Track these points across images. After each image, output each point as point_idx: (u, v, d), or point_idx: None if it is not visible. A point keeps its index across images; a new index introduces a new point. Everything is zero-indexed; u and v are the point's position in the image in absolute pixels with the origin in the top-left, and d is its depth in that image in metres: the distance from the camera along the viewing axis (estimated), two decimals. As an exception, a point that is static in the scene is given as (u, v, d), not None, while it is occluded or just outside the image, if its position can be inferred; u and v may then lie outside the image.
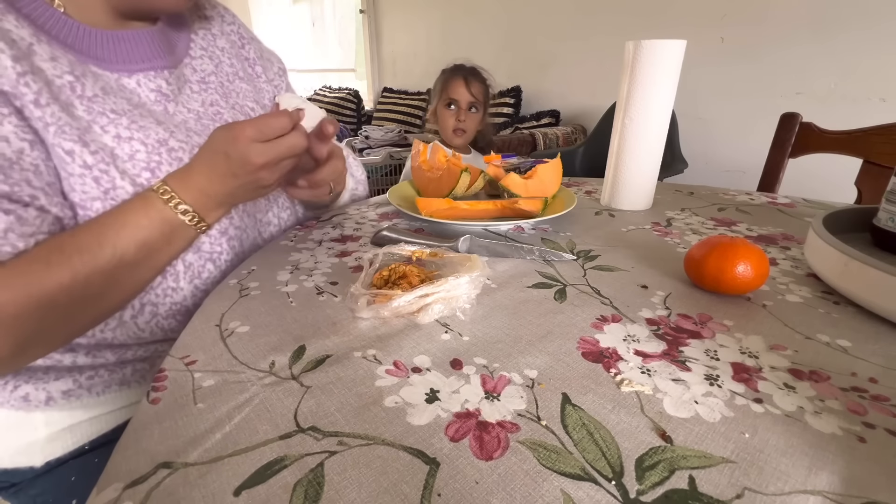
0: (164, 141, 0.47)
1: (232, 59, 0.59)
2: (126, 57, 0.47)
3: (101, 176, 0.43)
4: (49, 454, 0.50)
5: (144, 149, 0.45)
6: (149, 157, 0.46)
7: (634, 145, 0.65)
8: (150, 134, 0.46)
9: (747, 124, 1.75)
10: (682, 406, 0.29)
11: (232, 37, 0.61)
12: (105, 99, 0.44)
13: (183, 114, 0.51)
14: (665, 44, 0.59)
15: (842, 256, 0.39)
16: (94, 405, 0.52)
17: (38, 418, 0.49)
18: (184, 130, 0.50)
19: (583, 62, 2.26)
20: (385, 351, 0.35)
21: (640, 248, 0.53)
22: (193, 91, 0.53)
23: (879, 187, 0.77)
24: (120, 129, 0.44)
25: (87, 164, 0.42)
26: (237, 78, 0.59)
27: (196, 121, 0.52)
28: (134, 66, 0.48)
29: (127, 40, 0.47)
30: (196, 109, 0.52)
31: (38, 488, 0.50)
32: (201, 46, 0.56)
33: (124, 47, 0.47)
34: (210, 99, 0.54)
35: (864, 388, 0.30)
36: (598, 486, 0.23)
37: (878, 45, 1.42)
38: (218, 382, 0.32)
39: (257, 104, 0.60)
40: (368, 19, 3.55)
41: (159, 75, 0.50)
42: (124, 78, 0.47)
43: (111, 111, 0.44)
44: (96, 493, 0.24)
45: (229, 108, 0.56)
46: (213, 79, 0.56)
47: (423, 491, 0.23)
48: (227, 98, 0.56)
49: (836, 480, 0.23)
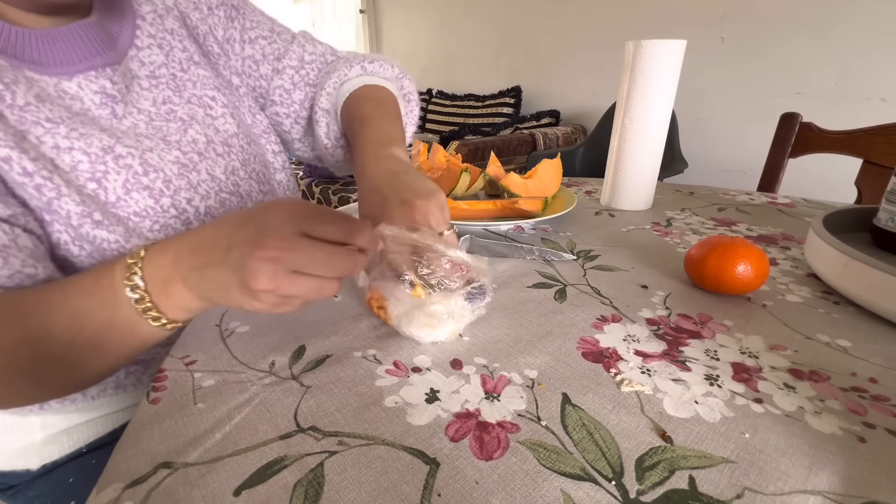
0: (110, 148, 0.43)
1: (183, 40, 0.52)
2: (63, 58, 0.43)
3: (43, 184, 0.39)
4: (46, 457, 0.50)
5: (87, 158, 0.41)
6: (93, 167, 0.41)
7: (634, 145, 0.65)
8: (93, 142, 0.42)
9: (747, 124, 1.75)
10: (682, 406, 0.29)
11: (182, 9, 0.54)
12: (39, 107, 0.40)
13: (133, 115, 0.46)
14: (665, 44, 0.59)
15: (842, 256, 0.39)
16: (90, 409, 0.51)
17: (33, 422, 0.49)
18: (132, 136, 0.45)
19: (583, 62, 2.26)
20: (385, 351, 0.35)
21: (640, 248, 0.53)
22: (143, 88, 0.48)
23: (879, 187, 0.77)
24: (58, 138, 0.40)
25: (27, 170, 0.38)
26: (192, 63, 0.52)
27: (147, 123, 0.47)
28: (73, 68, 0.43)
29: (61, 38, 0.43)
30: (147, 109, 0.48)
31: (36, 490, 0.50)
32: (149, 33, 0.50)
33: (60, 47, 0.43)
34: (162, 96, 0.49)
35: (864, 388, 0.30)
36: (598, 486, 0.23)
37: (879, 45, 1.42)
38: (218, 382, 0.32)
39: (217, 91, 0.53)
40: (368, 19, 3.55)
41: (101, 74, 0.45)
42: (64, 82, 0.43)
43: (46, 120, 0.40)
44: (96, 493, 0.24)
45: (184, 103, 0.50)
46: (164, 71, 0.50)
47: (423, 491, 0.23)
48: (182, 92, 0.50)
49: (836, 480, 0.23)
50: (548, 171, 0.67)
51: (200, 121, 0.51)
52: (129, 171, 0.43)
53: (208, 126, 0.52)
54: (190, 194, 0.47)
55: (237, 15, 0.57)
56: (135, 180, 0.44)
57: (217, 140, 0.52)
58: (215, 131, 0.52)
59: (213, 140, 0.51)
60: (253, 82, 0.59)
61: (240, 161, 0.53)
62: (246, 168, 0.54)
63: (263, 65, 0.58)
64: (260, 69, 0.58)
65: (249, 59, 0.58)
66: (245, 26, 0.57)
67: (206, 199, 0.49)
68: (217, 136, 0.52)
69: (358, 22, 3.69)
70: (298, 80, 0.59)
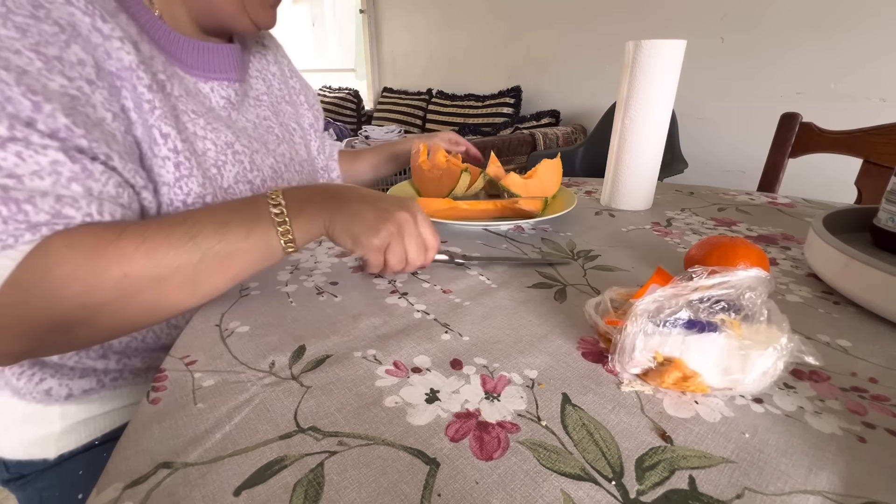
0: (231, 144, 0.52)
1: (280, 84, 0.66)
2: (206, 66, 0.52)
3: (183, 162, 0.46)
4: (63, 447, 0.51)
5: (214, 148, 0.50)
6: (217, 157, 0.50)
7: (634, 145, 0.65)
8: (221, 136, 0.51)
9: (747, 124, 1.75)
10: (682, 406, 0.29)
11: (282, 66, 0.69)
12: (188, 99, 0.49)
13: (242, 122, 0.56)
14: (665, 44, 0.59)
15: (842, 256, 0.39)
16: (110, 399, 0.53)
17: (54, 411, 0.50)
18: (246, 136, 0.55)
19: (583, 62, 2.26)
20: (385, 351, 0.35)
21: (640, 248, 0.53)
22: (251, 105, 0.59)
23: (879, 187, 0.77)
24: (197, 127, 0.49)
25: (176, 148, 0.45)
26: (283, 101, 0.66)
27: (254, 129, 0.58)
28: (211, 75, 0.53)
29: (209, 51, 0.52)
30: (253, 120, 0.58)
31: (46, 481, 0.50)
32: (257, 69, 0.63)
33: (206, 56, 0.52)
34: (263, 114, 0.61)
35: (864, 388, 0.30)
36: (598, 487, 0.23)
37: (878, 45, 1.42)
38: (218, 382, 0.32)
39: (298, 125, 0.68)
40: (368, 19, 3.55)
41: (231, 86, 0.55)
42: (200, 83, 0.52)
43: (192, 111, 0.48)
44: (96, 493, 0.24)
45: (278, 124, 0.63)
46: (266, 98, 0.62)
47: (423, 491, 0.23)
48: (277, 116, 0.63)
49: (836, 480, 0.23)
50: (548, 171, 0.67)
51: (288, 141, 0.64)
52: (240, 166, 0.53)
53: (292, 147, 0.64)
54: None
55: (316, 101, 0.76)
56: (243, 174, 0.53)
57: (297, 160, 0.64)
58: (296, 153, 0.65)
59: (294, 159, 0.64)
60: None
61: (303, 183, 0.65)
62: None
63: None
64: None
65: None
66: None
67: None
68: (297, 157, 0.65)
69: (358, 22, 3.68)
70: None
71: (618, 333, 0.30)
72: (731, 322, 0.29)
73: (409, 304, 0.42)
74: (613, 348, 0.30)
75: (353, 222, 0.40)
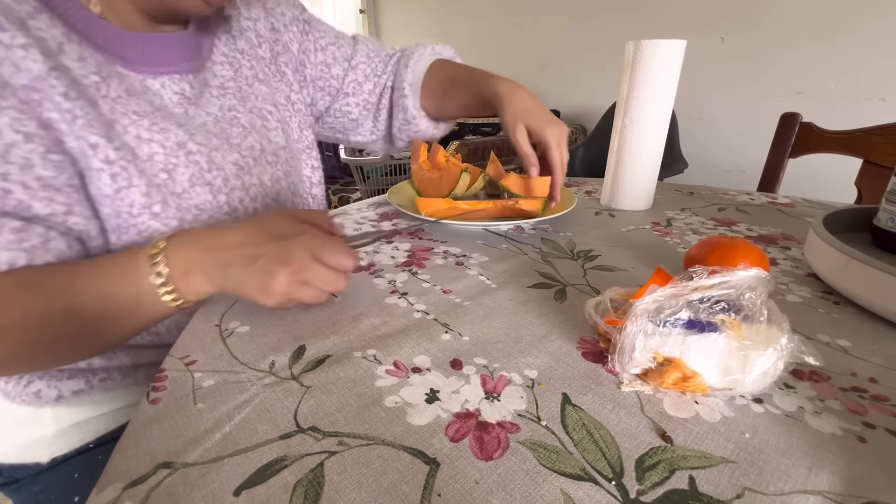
0: (183, 144, 0.47)
1: (251, 60, 0.60)
2: (153, 59, 0.48)
3: (119, 172, 0.43)
4: (56, 450, 0.51)
5: (163, 150, 0.46)
6: (166, 159, 0.46)
7: (634, 145, 0.65)
8: (170, 136, 0.47)
9: (747, 124, 1.75)
10: (682, 406, 0.29)
11: (248, 33, 0.61)
12: (129, 100, 0.45)
13: (202, 117, 0.51)
14: (665, 44, 0.59)
15: (842, 256, 0.39)
16: (102, 402, 0.52)
17: (46, 414, 0.50)
18: (203, 133, 0.50)
19: (583, 62, 2.26)
20: (385, 351, 0.35)
21: (640, 248, 0.53)
22: (213, 96, 0.54)
23: (879, 187, 0.77)
24: (141, 130, 0.45)
25: (108, 158, 0.42)
26: (256, 80, 0.59)
27: (214, 124, 0.52)
28: (160, 69, 0.49)
29: (156, 43, 0.48)
30: (214, 113, 0.53)
31: (42, 485, 0.50)
32: (223, 52, 0.57)
33: (153, 50, 0.48)
34: (228, 104, 0.55)
35: (864, 388, 0.30)
36: (598, 487, 0.23)
37: (878, 45, 1.42)
38: (218, 382, 0.32)
39: (275, 106, 0.61)
40: (368, 19, 3.55)
41: (184, 79, 0.51)
42: (149, 79, 0.48)
43: (133, 112, 0.45)
44: (96, 493, 0.24)
45: (246, 113, 0.56)
46: (232, 84, 0.56)
47: (423, 491, 0.23)
48: (245, 103, 0.57)
49: (836, 480, 0.23)
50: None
51: (258, 130, 0.57)
52: (196, 167, 0.48)
53: (263, 136, 0.58)
54: (242, 195, 0.52)
55: (310, 29, 0.67)
56: (199, 175, 0.48)
57: (269, 150, 0.58)
58: (268, 142, 0.58)
59: (266, 149, 0.57)
60: (324, 83, 0.69)
61: (283, 172, 0.59)
62: (287, 179, 0.60)
63: (335, 66, 0.69)
64: (332, 70, 0.69)
65: (322, 64, 0.68)
66: (317, 37, 0.68)
67: (255, 202, 0.54)
68: (269, 147, 0.58)
69: (358, 22, 3.68)
70: (369, 72, 0.71)
71: (618, 333, 0.30)
72: (731, 322, 0.29)
73: (409, 304, 0.42)
74: (613, 348, 0.30)
75: (244, 283, 0.36)
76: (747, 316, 0.29)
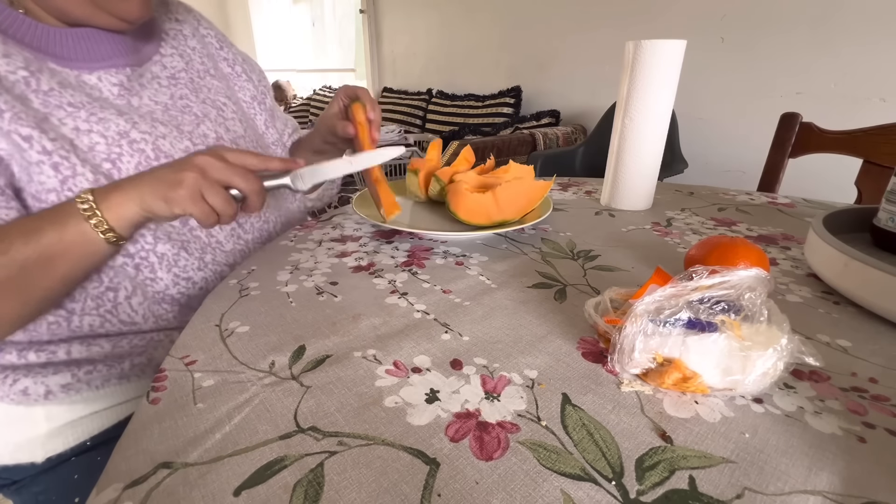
0: (126, 133, 0.47)
1: (203, 57, 0.61)
2: (86, 55, 0.48)
3: (60, 162, 0.43)
4: (50, 450, 0.50)
5: (104, 141, 0.46)
6: (109, 150, 0.46)
7: (634, 145, 0.65)
8: (111, 126, 0.46)
9: (747, 124, 1.75)
10: (682, 406, 0.29)
11: (208, 38, 0.63)
12: (62, 92, 0.44)
13: (149, 106, 0.51)
14: (665, 44, 0.59)
15: (842, 256, 0.39)
16: (95, 399, 0.52)
17: (38, 413, 0.49)
18: (149, 121, 0.50)
19: (583, 62, 2.26)
20: (385, 351, 0.35)
21: (640, 248, 0.53)
22: (162, 86, 0.54)
23: (879, 187, 0.77)
24: (78, 121, 0.45)
25: (46, 149, 0.42)
26: (208, 75, 0.60)
27: (163, 111, 0.52)
28: (95, 64, 0.48)
29: (87, 38, 0.47)
30: (164, 102, 0.53)
31: (41, 486, 0.50)
32: (171, 45, 0.57)
33: (84, 45, 0.47)
34: (179, 93, 0.55)
35: (864, 388, 0.30)
36: (598, 487, 0.23)
37: (878, 45, 1.42)
38: (218, 382, 0.32)
39: (229, 99, 0.61)
40: (368, 19, 3.55)
41: (121, 72, 0.50)
42: (84, 74, 0.47)
43: (68, 104, 0.45)
44: (96, 493, 0.24)
45: (199, 102, 0.56)
46: (184, 75, 0.57)
47: (423, 491, 0.23)
48: (198, 93, 0.57)
49: (836, 480, 0.23)
50: (507, 192, 0.54)
51: (213, 119, 0.57)
52: (141, 155, 0.48)
53: (220, 125, 0.57)
54: None
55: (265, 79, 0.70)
56: (146, 164, 0.48)
57: (227, 138, 0.57)
58: (226, 130, 0.58)
59: (223, 137, 0.57)
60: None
61: None
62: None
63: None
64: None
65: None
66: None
67: None
68: (227, 135, 0.57)
69: (358, 22, 3.69)
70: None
71: (617, 333, 0.30)
72: (732, 322, 0.29)
73: (409, 304, 0.42)
74: (613, 348, 0.30)
75: (156, 186, 0.40)
76: (747, 316, 0.29)
